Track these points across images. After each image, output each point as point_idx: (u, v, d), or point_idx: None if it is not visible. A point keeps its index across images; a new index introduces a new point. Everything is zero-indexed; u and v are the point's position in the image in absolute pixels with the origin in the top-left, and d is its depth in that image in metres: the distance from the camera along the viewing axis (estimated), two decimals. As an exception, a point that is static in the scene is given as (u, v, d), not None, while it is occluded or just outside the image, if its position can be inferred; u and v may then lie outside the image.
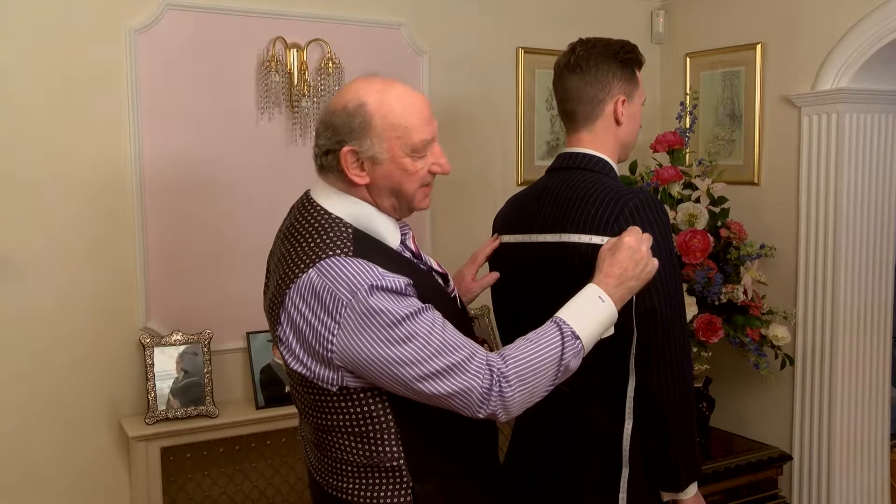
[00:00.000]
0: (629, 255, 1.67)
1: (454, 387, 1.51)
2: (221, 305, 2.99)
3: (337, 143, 1.60)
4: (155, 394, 2.80)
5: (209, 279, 2.97)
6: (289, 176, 3.05)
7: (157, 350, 2.83)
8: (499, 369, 1.53)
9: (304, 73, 3.01)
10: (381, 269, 1.52)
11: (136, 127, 2.81)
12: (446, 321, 1.57)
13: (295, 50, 3.00)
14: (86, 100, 2.75)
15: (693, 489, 1.87)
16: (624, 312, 1.73)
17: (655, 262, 1.71)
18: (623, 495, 1.85)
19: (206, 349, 2.90)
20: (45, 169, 2.70)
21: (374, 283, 1.50)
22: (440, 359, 1.51)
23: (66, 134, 2.73)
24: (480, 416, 1.54)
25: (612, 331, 1.69)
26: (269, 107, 3.01)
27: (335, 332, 1.50)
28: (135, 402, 2.88)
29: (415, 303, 1.54)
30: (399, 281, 1.52)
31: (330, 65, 3.02)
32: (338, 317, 1.50)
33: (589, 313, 1.63)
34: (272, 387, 2.96)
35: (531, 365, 1.55)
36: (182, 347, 2.87)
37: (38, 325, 2.73)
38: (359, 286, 1.49)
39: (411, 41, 3.27)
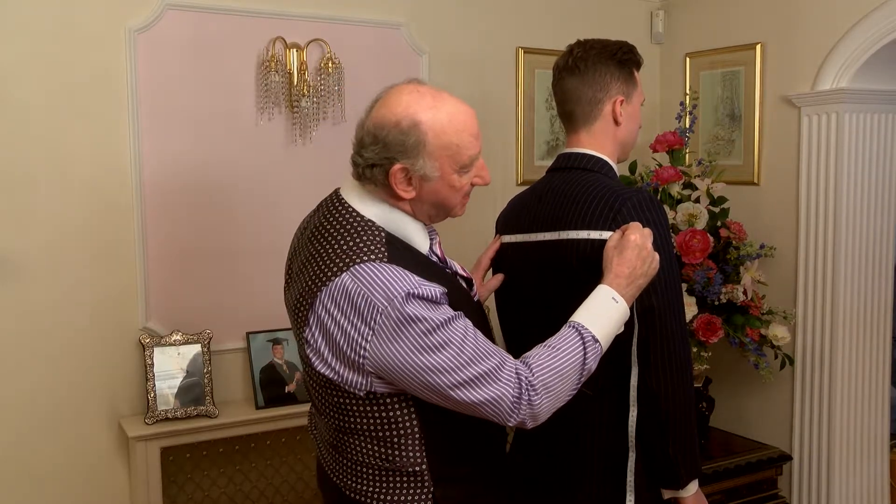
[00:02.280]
0: (636, 253, 1.68)
1: (487, 395, 1.52)
2: (221, 305, 2.99)
3: (386, 159, 1.56)
4: (154, 394, 2.80)
5: (209, 279, 2.97)
6: (288, 176, 3.05)
7: (157, 350, 2.84)
8: (526, 378, 1.54)
9: (304, 73, 3.01)
10: (417, 278, 1.52)
11: (135, 127, 2.81)
12: (476, 329, 1.57)
13: (295, 50, 3.00)
14: (86, 100, 2.75)
15: (693, 487, 1.88)
16: None
17: (658, 256, 1.73)
18: (630, 478, 1.87)
19: (206, 349, 2.90)
20: (46, 169, 2.71)
21: (411, 290, 1.49)
22: (473, 367, 1.51)
23: (66, 134, 2.73)
24: (511, 423, 1.56)
25: (622, 328, 1.71)
26: (268, 107, 3.01)
27: (369, 339, 1.50)
28: (134, 402, 2.88)
29: (448, 311, 1.53)
30: (435, 290, 1.52)
31: (330, 65, 3.02)
32: (373, 323, 1.49)
33: (605, 316, 1.64)
34: (272, 387, 2.97)
35: (556, 372, 1.56)
36: (182, 347, 2.87)
37: (38, 325, 2.73)
38: (395, 294, 1.48)
39: (411, 41, 3.27)
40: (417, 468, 1.63)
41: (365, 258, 1.53)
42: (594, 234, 1.79)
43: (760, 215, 3.41)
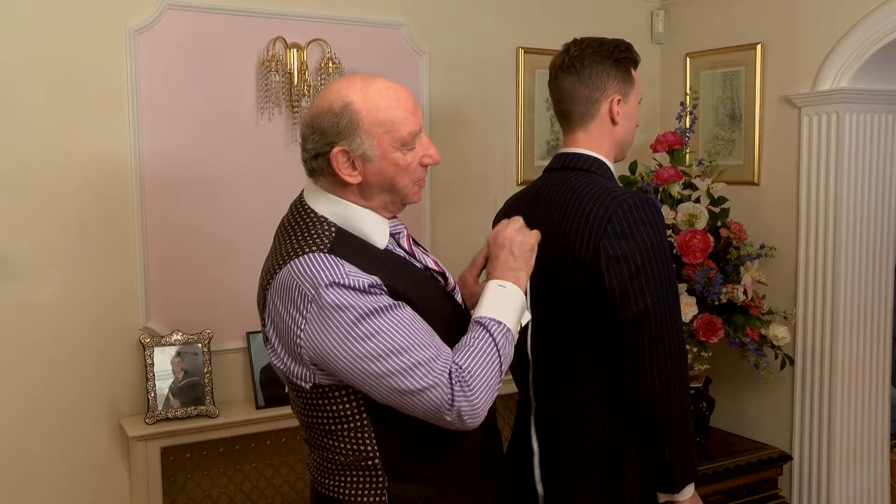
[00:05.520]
0: (504, 250, 1.73)
1: (420, 384, 1.51)
2: (221, 305, 2.99)
3: (326, 144, 1.59)
4: (155, 394, 2.80)
5: (209, 279, 2.98)
6: (288, 175, 3.05)
7: (156, 350, 2.84)
8: (457, 368, 1.54)
9: (304, 73, 3.01)
10: (348, 268, 1.53)
11: (135, 126, 2.82)
12: (417, 318, 1.56)
13: (295, 50, 3.00)
14: (86, 99, 2.75)
15: (689, 491, 1.86)
16: (612, 314, 1.76)
17: (532, 236, 1.74)
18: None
19: (206, 349, 2.90)
20: (45, 168, 2.71)
21: (336, 280, 1.51)
22: (405, 356, 1.51)
23: (66, 133, 2.73)
24: (448, 418, 1.53)
25: (528, 316, 1.73)
26: (268, 107, 3.02)
27: (303, 327, 1.53)
28: (135, 402, 2.89)
29: (382, 300, 1.54)
30: (363, 280, 1.52)
31: (330, 65, 3.02)
32: (304, 311, 1.52)
33: (495, 300, 1.66)
34: (272, 387, 2.96)
35: (479, 362, 1.56)
36: (182, 347, 2.88)
37: (38, 325, 2.73)
38: (320, 282, 1.51)
39: (411, 41, 3.27)
40: (371, 462, 1.63)
41: (307, 250, 1.56)
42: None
43: (760, 215, 3.41)
